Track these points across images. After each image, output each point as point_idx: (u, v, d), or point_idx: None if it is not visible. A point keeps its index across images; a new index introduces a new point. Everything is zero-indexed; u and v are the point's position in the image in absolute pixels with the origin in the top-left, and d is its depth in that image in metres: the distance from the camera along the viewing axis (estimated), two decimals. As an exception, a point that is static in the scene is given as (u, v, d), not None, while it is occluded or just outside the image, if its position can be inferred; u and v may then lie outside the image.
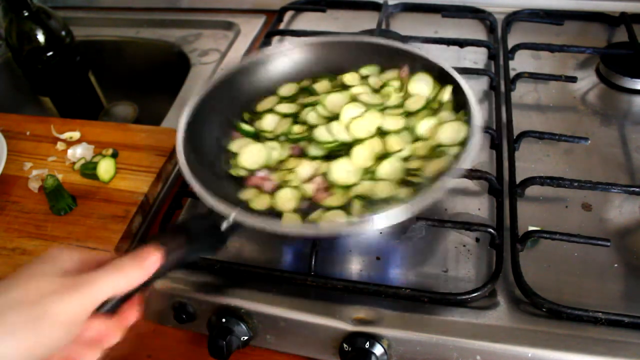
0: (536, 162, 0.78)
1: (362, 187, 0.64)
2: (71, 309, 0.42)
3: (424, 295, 0.61)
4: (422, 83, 0.73)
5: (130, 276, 0.47)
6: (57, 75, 1.07)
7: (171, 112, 1.01)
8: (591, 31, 1.04)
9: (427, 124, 0.68)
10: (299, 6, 1.17)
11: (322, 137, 0.69)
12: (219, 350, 0.61)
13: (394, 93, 0.74)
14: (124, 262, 0.47)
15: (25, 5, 0.98)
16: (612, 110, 0.86)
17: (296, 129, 0.72)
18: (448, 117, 0.68)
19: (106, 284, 0.45)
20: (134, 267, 0.47)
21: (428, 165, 0.64)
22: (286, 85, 0.80)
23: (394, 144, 0.67)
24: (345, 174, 0.65)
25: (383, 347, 0.60)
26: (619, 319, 0.58)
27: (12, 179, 0.85)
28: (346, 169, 0.66)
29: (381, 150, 0.67)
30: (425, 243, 0.69)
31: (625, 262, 0.65)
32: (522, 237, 0.65)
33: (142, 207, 0.80)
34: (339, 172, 0.65)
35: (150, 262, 0.48)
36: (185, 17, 1.26)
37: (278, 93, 0.79)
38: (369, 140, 0.68)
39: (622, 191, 0.69)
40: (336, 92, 0.74)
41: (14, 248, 0.75)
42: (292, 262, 0.69)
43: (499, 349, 0.57)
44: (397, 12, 1.13)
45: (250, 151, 0.70)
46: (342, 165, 0.66)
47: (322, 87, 0.79)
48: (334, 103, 0.73)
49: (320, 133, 0.70)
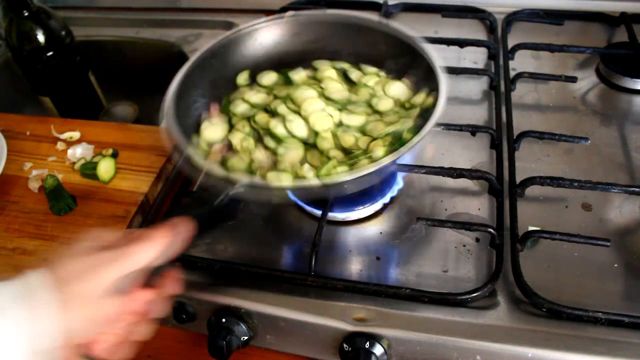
0: (536, 162, 0.78)
1: None
2: (112, 279, 0.47)
3: (424, 295, 0.61)
4: (400, 88, 0.76)
5: (163, 245, 0.50)
6: (57, 75, 1.07)
7: (171, 112, 1.01)
8: (591, 31, 1.04)
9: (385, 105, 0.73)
10: (299, 6, 1.17)
11: (278, 131, 0.72)
12: (219, 350, 0.61)
13: (363, 89, 0.77)
14: (156, 233, 0.50)
15: (25, 5, 0.98)
16: (612, 110, 0.86)
17: (259, 118, 0.75)
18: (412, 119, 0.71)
19: (140, 253, 0.49)
20: (166, 237, 0.51)
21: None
22: (266, 74, 0.83)
23: (351, 139, 0.70)
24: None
25: (383, 347, 0.60)
26: (619, 319, 0.58)
27: (12, 179, 0.86)
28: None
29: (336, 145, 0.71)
30: (425, 243, 0.69)
31: (625, 262, 0.65)
32: (522, 237, 0.65)
33: (142, 207, 0.80)
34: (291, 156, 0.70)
35: (181, 231, 0.52)
36: (185, 17, 1.26)
37: (258, 81, 0.82)
38: (325, 135, 0.71)
39: (622, 191, 0.69)
40: (307, 86, 0.77)
41: (14, 248, 0.75)
42: (292, 262, 0.69)
43: (499, 349, 0.57)
44: (397, 12, 1.13)
45: (214, 129, 0.75)
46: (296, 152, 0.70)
47: (299, 77, 0.82)
48: (303, 97, 0.75)
49: (277, 127, 0.72)
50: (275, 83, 0.82)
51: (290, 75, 0.81)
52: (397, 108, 0.74)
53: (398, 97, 0.75)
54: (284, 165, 0.68)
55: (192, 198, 0.68)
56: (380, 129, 0.70)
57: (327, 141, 0.70)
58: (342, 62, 0.83)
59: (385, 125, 0.70)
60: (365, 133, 0.71)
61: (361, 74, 0.81)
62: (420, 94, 0.73)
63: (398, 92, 0.76)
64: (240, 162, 0.70)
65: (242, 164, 0.69)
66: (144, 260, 0.49)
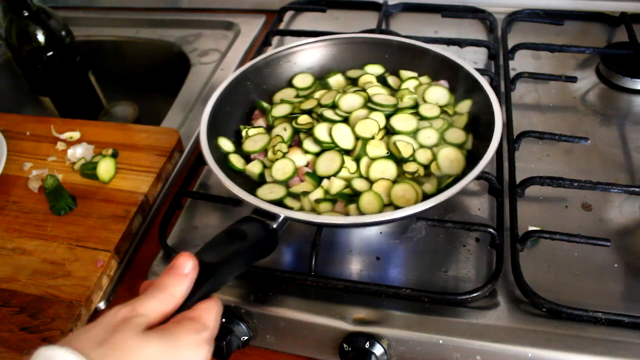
0: (536, 162, 0.78)
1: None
2: None
3: (424, 295, 0.61)
4: (439, 92, 0.76)
5: (172, 291, 0.46)
6: (57, 75, 1.07)
7: (171, 112, 1.01)
8: (591, 31, 1.04)
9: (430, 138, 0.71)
10: (299, 6, 1.17)
11: (320, 135, 0.71)
12: (219, 350, 0.61)
13: (407, 94, 0.76)
14: (161, 281, 0.47)
15: (25, 5, 0.98)
16: (612, 110, 0.86)
17: (302, 120, 0.75)
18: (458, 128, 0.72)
19: (149, 305, 0.45)
20: (172, 283, 0.46)
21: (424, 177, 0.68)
22: (301, 75, 0.83)
23: (409, 149, 0.69)
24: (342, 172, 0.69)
25: (383, 347, 0.60)
26: (619, 319, 0.58)
27: (12, 179, 0.86)
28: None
29: (384, 152, 0.70)
30: (425, 243, 0.69)
31: (625, 262, 0.65)
32: (522, 237, 0.65)
33: (142, 207, 0.80)
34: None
35: (185, 270, 0.47)
36: (185, 17, 1.26)
37: (294, 85, 0.83)
38: (375, 143, 0.70)
39: (622, 191, 0.69)
40: (352, 93, 0.76)
41: (14, 248, 0.75)
42: (292, 262, 0.69)
43: (499, 349, 0.58)
44: (397, 12, 1.13)
45: (254, 138, 0.75)
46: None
47: (336, 82, 0.83)
48: (349, 104, 0.75)
49: (320, 131, 0.72)
50: (310, 86, 0.82)
51: (327, 80, 0.82)
52: (443, 115, 0.74)
53: (437, 101, 0.75)
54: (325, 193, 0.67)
55: (226, 234, 0.57)
56: (433, 137, 0.70)
57: (378, 147, 0.70)
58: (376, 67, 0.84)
59: (437, 132, 0.71)
60: (418, 141, 0.71)
61: (398, 79, 0.81)
62: (465, 101, 0.74)
63: (438, 97, 0.76)
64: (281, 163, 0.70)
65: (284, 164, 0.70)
66: (155, 314, 0.45)
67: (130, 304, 0.44)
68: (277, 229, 0.60)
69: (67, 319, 0.66)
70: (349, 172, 0.69)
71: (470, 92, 0.74)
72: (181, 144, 0.90)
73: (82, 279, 0.70)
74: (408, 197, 0.64)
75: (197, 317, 0.46)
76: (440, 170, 0.67)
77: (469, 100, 0.74)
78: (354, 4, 1.17)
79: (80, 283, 0.70)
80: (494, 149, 0.62)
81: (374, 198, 0.65)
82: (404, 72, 0.82)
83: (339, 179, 0.68)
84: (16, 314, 0.68)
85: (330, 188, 0.67)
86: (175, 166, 0.89)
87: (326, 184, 0.68)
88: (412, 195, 0.64)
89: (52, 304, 0.68)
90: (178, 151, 0.90)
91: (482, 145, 0.64)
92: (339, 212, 0.66)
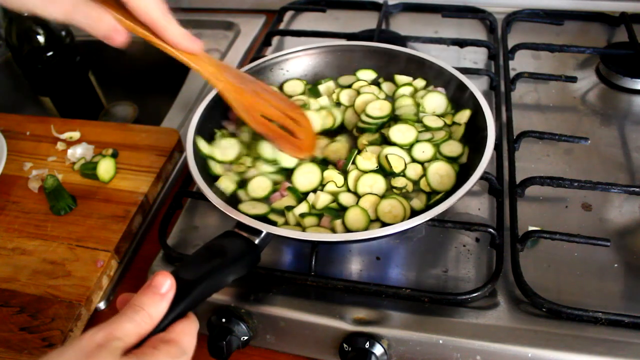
0: (536, 162, 0.78)
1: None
2: None
3: (424, 295, 0.61)
4: (438, 99, 0.76)
5: (150, 311, 0.46)
6: (57, 75, 1.07)
7: (171, 112, 1.01)
8: (591, 31, 1.04)
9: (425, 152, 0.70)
10: (299, 6, 1.17)
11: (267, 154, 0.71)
12: (219, 350, 0.61)
13: (410, 102, 0.76)
14: (138, 300, 0.46)
15: (25, 5, 0.98)
16: (612, 110, 0.86)
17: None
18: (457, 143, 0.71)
19: (125, 328, 0.44)
20: (149, 303, 0.46)
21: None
22: (291, 81, 0.83)
23: (400, 164, 0.68)
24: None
25: (383, 347, 0.60)
26: (619, 319, 0.58)
27: (12, 179, 0.85)
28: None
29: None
30: (425, 243, 0.69)
31: (625, 262, 0.65)
32: (522, 237, 0.65)
33: (142, 207, 0.80)
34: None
35: (162, 289, 0.47)
36: (185, 17, 1.26)
37: (284, 91, 0.82)
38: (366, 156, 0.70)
39: (622, 191, 0.69)
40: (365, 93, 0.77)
41: (14, 248, 0.75)
42: (292, 262, 0.69)
43: (499, 349, 0.58)
44: (397, 12, 1.13)
45: (222, 146, 0.74)
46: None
47: (326, 89, 0.82)
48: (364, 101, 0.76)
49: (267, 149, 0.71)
50: (300, 93, 0.82)
51: (317, 87, 0.82)
52: (442, 125, 0.73)
53: (435, 109, 0.75)
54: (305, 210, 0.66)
55: (205, 249, 0.56)
56: (428, 152, 0.69)
57: (369, 160, 0.69)
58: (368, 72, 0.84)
59: (433, 147, 0.69)
60: (412, 155, 0.70)
61: (393, 85, 0.81)
62: (464, 111, 0.73)
63: (436, 104, 0.76)
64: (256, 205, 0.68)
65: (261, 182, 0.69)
66: (133, 336, 0.44)
67: (105, 327, 0.43)
68: (259, 244, 0.58)
69: (67, 319, 0.66)
70: (336, 186, 0.67)
71: (465, 101, 0.73)
72: (181, 144, 0.90)
73: (82, 279, 0.70)
74: (395, 214, 0.63)
75: (175, 341, 0.45)
76: (430, 187, 0.66)
77: (467, 111, 0.73)
78: (354, 4, 1.17)
79: (80, 283, 0.70)
80: (485, 164, 0.62)
81: (360, 213, 0.64)
82: (399, 77, 0.81)
83: (325, 193, 0.67)
84: (16, 314, 0.68)
85: (317, 202, 0.66)
86: (175, 166, 0.89)
87: (312, 198, 0.66)
88: (399, 211, 0.63)
89: (52, 304, 0.68)
90: (178, 151, 0.90)
91: (475, 157, 0.64)
92: (324, 227, 0.64)
